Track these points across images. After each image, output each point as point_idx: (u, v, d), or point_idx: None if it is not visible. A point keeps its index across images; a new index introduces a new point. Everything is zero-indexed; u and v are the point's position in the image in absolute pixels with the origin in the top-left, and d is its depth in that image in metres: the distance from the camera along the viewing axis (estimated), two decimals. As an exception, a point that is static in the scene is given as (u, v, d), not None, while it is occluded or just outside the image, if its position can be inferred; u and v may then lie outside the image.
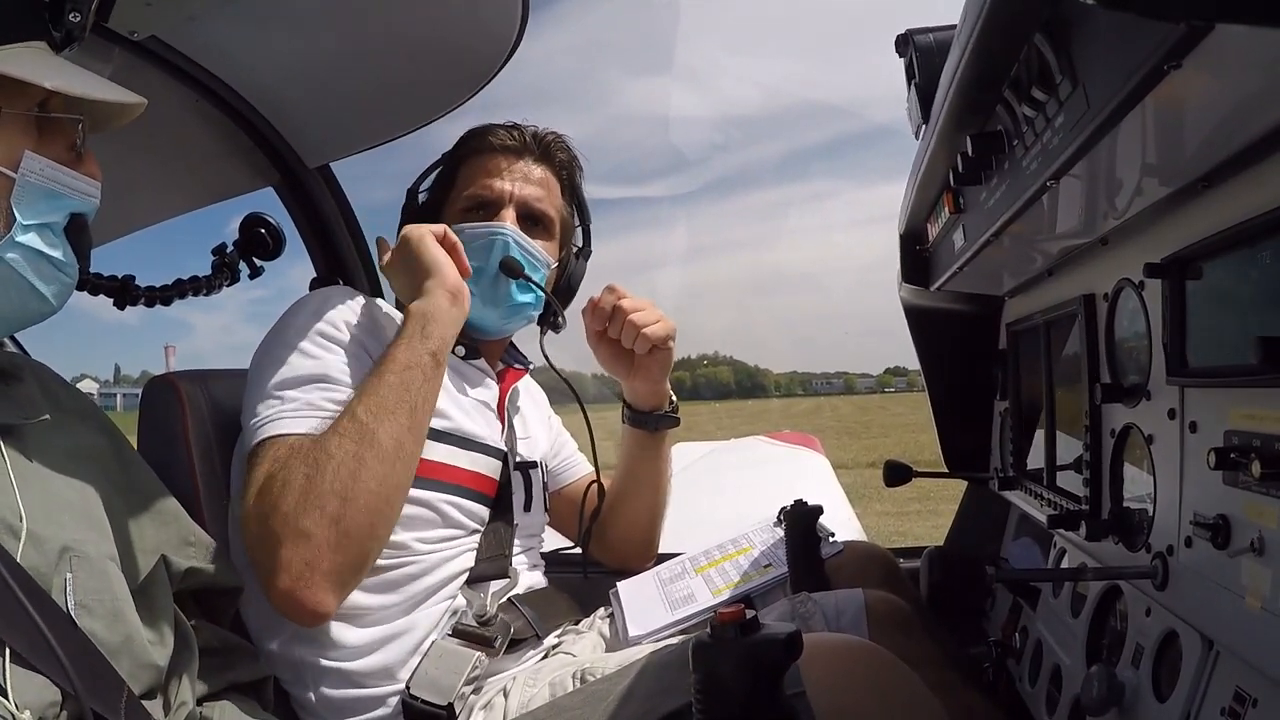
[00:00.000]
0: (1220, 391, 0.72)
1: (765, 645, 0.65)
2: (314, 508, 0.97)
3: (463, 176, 1.32)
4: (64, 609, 0.73)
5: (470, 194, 1.30)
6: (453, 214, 1.30)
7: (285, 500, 0.98)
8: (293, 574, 0.96)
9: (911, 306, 1.56)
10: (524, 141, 1.32)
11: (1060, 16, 0.59)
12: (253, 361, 1.15)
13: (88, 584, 0.76)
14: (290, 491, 0.98)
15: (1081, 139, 0.61)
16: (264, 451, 1.04)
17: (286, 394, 1.08)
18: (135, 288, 1.41)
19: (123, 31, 1.06)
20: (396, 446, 1.03)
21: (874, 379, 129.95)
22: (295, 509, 0.97)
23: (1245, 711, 0.65)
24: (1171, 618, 0.78)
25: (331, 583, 0.98)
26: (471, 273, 1.22)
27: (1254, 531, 0.65)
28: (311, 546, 0.97)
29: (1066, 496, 1.07)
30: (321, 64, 1.36)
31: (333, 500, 0.98)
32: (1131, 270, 0.86)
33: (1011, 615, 1.32)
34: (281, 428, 1.05)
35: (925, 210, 1.25)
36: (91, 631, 0.74)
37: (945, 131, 0.86)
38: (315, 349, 1.13)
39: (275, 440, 1.04)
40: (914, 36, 0.92)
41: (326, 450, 1.00)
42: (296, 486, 0.98)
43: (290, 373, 1.10)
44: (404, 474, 1.05)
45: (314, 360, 1.11)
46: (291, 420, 1.05)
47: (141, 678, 0.78)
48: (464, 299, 1.16)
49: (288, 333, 1.14)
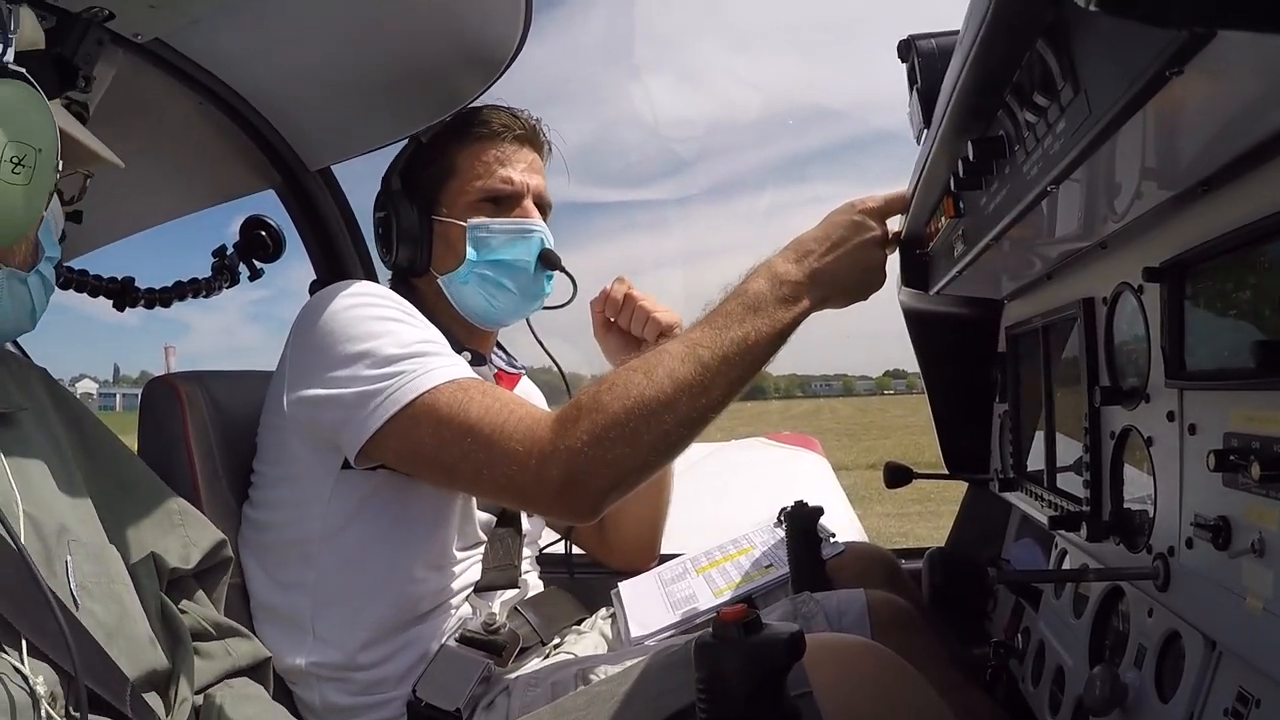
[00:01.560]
0: (1219, 394, 0.72)
1: (768, 645, 0.65)
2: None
3: (465, 163, 1.29)
4: (68, 591, 0.74)
5: (486, 186, 1.27)
6: (462, 206, 1.28)
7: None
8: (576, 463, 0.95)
9: (911, 310, 1.57)
10: (525, 127, 1.31)
11: (1063, 22, 0.59)
12: (310, 355, 1.09)
13: (84, 566, 0.77)
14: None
15: (1083, 144, 0.61)
16: (434, 400, 1.00)
17: (413, 351, 1.04)
18: (135, 289, 1.41)
19: (126, 34, 1.06)
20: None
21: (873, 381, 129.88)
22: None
23: (1249, 712, 0.65)
24: (1174, 618, 0.79)
25: (593, 462, 0.95)
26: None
27: (1254, 533, 0.65)
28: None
29: (1067, 498, 1.08)
30: (323, 67, 1.37)
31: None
32: (1130, 274, 0.87)
33: (1013, 616, 1.32)
34: (442, 376, 1.02)
35: (925, 214, 1.26)
36: (91, 612, 0.76)
37: (946, 136, 0.86)
38: (408, 317, 1.10)
39: (441, 389, 1.00)
40: (916, 42, 0.92)
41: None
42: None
43: (403, 338, 1.06)
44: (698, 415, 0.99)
45: (414, 329, 1.09)
46: (444, 370, 1.03)
47: (139, 662, 0.79)
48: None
49: (356, 313, 1.09)
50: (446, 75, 1.41)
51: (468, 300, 1.29)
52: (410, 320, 1.11)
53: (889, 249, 1.09)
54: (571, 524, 0.99)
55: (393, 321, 1.08)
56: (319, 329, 1.08)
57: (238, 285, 1.49)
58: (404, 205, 1.28)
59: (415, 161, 1.32)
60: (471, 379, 1.04)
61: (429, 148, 1.32)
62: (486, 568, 1.20)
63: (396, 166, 1.33)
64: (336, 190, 1.70)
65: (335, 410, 1.04)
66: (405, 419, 1.00)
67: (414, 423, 1.00)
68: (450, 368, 1.04)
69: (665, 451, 1.01)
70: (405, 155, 1.33)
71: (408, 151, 1.33)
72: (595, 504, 0.99)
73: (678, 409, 0.95)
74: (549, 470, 0.95)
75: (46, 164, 0.76)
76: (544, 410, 1.01)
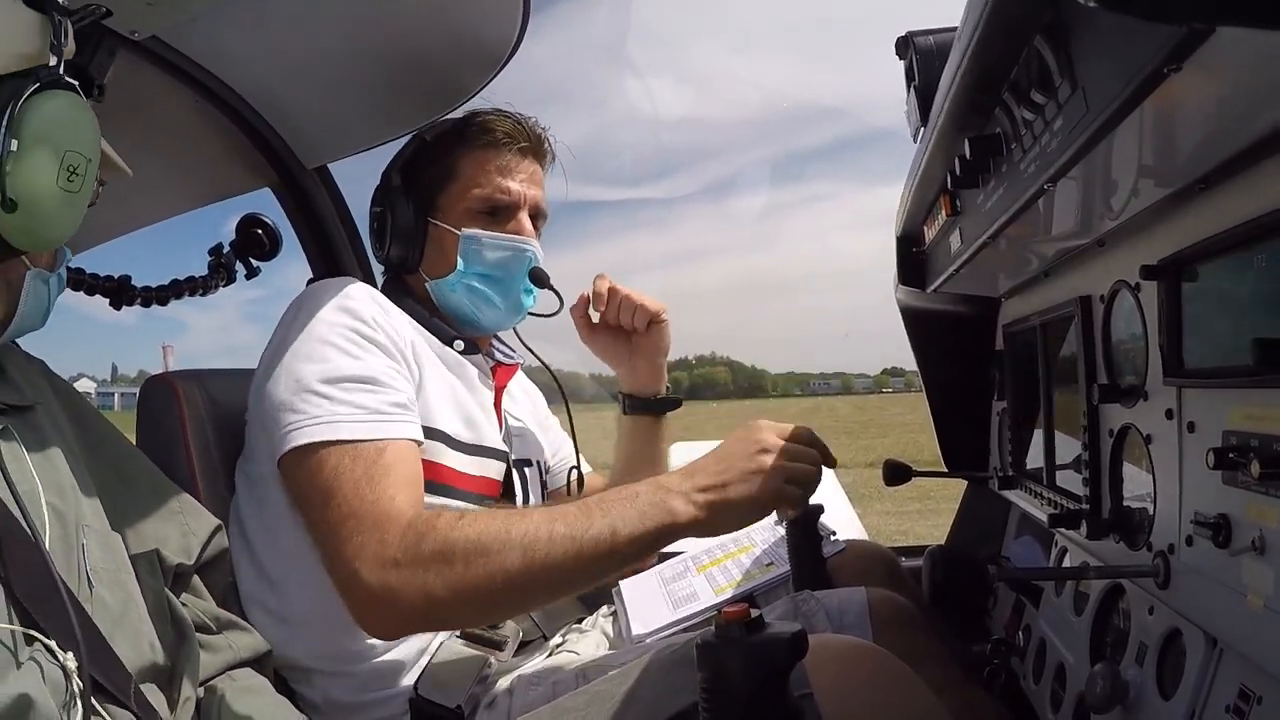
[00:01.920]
0: (1217, 392, 0.72)
1: (771, 644, 0.65)
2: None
3: (467, 169, 1.28)
4: (85, 576, 0.76)
5: (484, 195, 1.27)
6: (459, 212, 1.27)
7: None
8: (384, 583, 0.94)
9: (908, 308, 1.57)
10: (530, 138, 1.30)
11: (1061, 19, 0.59)
12: (270, 353, 1.10)
13: (96, 553, 0.79)
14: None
15: (1080, 142, 0.61)
16: (321, 457, 1.00)
17: (333, 392, 1.04)
18: (132, 288, 1.41)
19: (123, 31, 1.06)
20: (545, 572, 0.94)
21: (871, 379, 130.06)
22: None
23: (1250, 709, 0.65)
24: (1174, 616, 0.79)
25: (414, 593, 0.94)
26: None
27: (1254, 531, 0.65)
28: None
29: (1066, 496, 1.08)
30: (321, 65, 1.36)
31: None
32: (1127, 272, 0.87)
33: (1014, 614, 1.33)
34: (339, 432, 1.01)
35: (922, 212, 1.26)
36: (102, 599, 0.77)
37: (944, 134, 0.86)
38: (355, 348, 1.08)
39: (333, 447, 1.00)
40: (914, 39, 0.92)
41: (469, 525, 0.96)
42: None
43: (334, 371, 1.05)
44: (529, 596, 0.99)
45: (357, 360, 1.07)
46: (347, 424, 1.02)
47: (141, 653, 0.79)
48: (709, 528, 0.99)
49: (318, 327, 1.09)
50: (444, 73, 1.41)
51: (453, 307, 1.29)
52: (359, 348, 1.08)
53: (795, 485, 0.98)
54: (369, 631, 1.00)
55: (335, 348, 1.07)
56: (282, 332, 1.11)
57: (234, 284, 1.48)
58: (401, 204, 1.28)
59: (417, 160, 1.31)
60: (371, 445, 1.01)
61: (432, 147, 1.30)
62: None
63: (398, 163, 1.32)
64: (333, 188, 1.69)
65: (265, 424, 1.06)
66: (293, 457, 1.02)
67: (297, 465, 1.01)
68: (360, 422, 1.02)
69: (485, 612, 1.02)
70: (408, 152, 1.32)
71: (410, 149, 1.32)
72: (398, 628, 1.00)
73: (515, 576, 0.93)
74: (374, 575, 0.94)
75: (92, 173, 0.79)
76: (406, 506, 0.98)
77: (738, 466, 0.97)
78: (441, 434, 1.15)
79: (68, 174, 0.75)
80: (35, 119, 0.72)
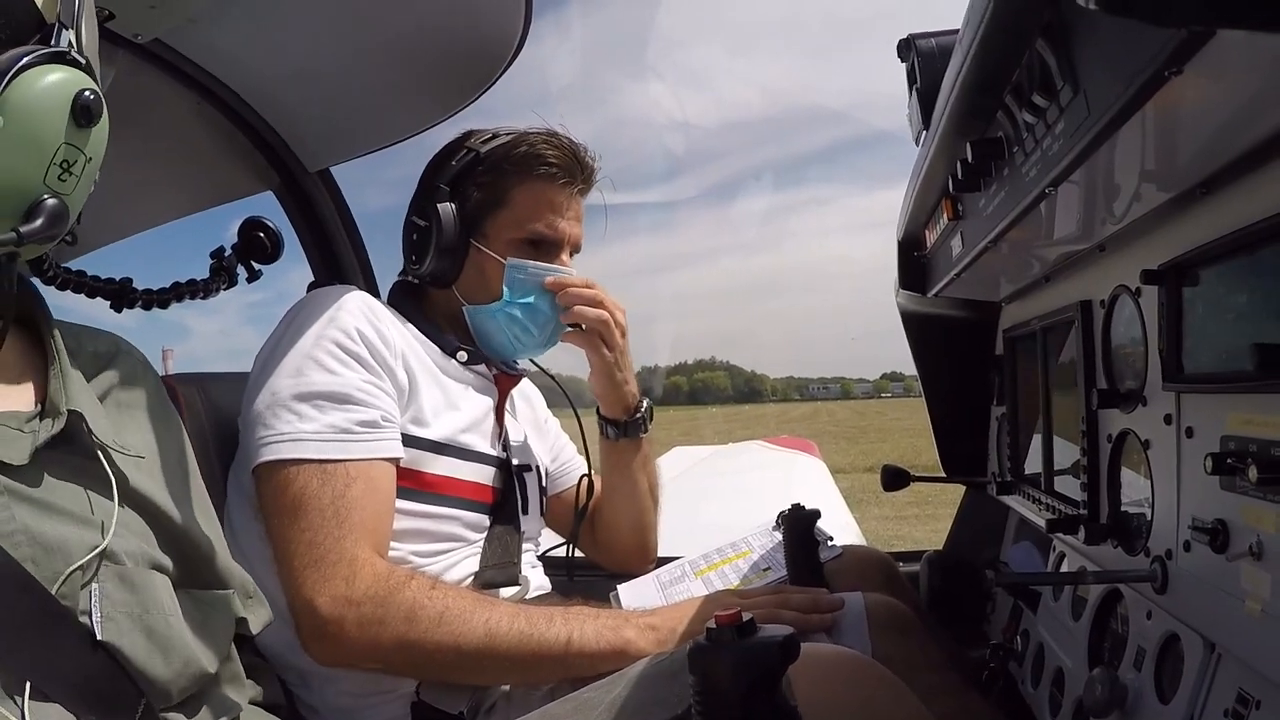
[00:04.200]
0: (1216, 397, 0.72)
1: (762, 648, 0.66)
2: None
3: (520, 200, 1.25)
4: (90, 622, 0.70)
5: (533, 230, 1.25)
6: (504, 240, 1.25)
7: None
8: (331, 617, 0.98)
9: (909, 312, 1.57)
10: (585, 179, 1.29)
11: (1062, 22, 0.60)
12: (261, 360, 1.11)
13: (115, 595, 0.72)
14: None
15: (1081, 145, 0.61)
16: (288, 474, 1.02)
17: (304, 409, 1.04)
18: (132, 291, 1.40)
19: (126, 34, 1.06)
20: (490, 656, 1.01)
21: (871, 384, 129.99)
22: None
23: (1249, 714, 0.65)
24: (1172, 621, 0.79)
25: (367, 638, 0.98)
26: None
27: (1252, 536, 0.65)
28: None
29: (1064, 501, 1.08)
30: (323, 68, 1.36)
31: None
32: (1128, 277, 0.87)
33: (1012, 619, 1.32)
34: (306, 451, 1.02)
35: (924, 216, 1.26)
36: (116, 646, 0.71)
37: (945, 137, 0.86)
38: (334, 363, 1.07)
39: (302, 465, 1.01)
40: (916, 41, 0.93)
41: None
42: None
43: (308, 386, 1.05)
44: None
45: (333, 376, 1.06)
46: (315, 443, 1.03)
47: (167, 693, 0.75)
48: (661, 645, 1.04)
49: (303, 339, 1.09)
50: (446, 76, 1.41)
51: (491, 335, 1.28)
52: (338, 363, 1.08)
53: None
54: (309, 655, 1.02)
55: (313, 363, 1.06)
56: (274, 336, 1.11)
57: (236, 287, 1.48)
58: (450, 221, 1.24)
59: (467, 176, 1.26)
60: (341, 467, 1.02)
61: (486, 167, 1.26)
62: (486, 565, 1.19)
63: (445, 173, 1.26)
64: (335, 192, 1.69)
65: (244, 428, 1.08)
66: (263, 471, 1.03)
67: (265, 479, 1.03)
68: (329, 441, 1.03)
69: (423, 673, 1.05)
70: (458, 164, 1.26)
71: (461, 162, 1.26)
72: (335, 660, 1.01)
73: (466, 653, 0.99)
74: (331, 609, 0.97)
75: (90, 175, 0.73)
76: (376, 551, 1.02)
77: (698, 620, 1.04)
78: (431, 442, 1.14)
79: (59, 171, 0.66)
80: (28, 95, 0.61)
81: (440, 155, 1.30)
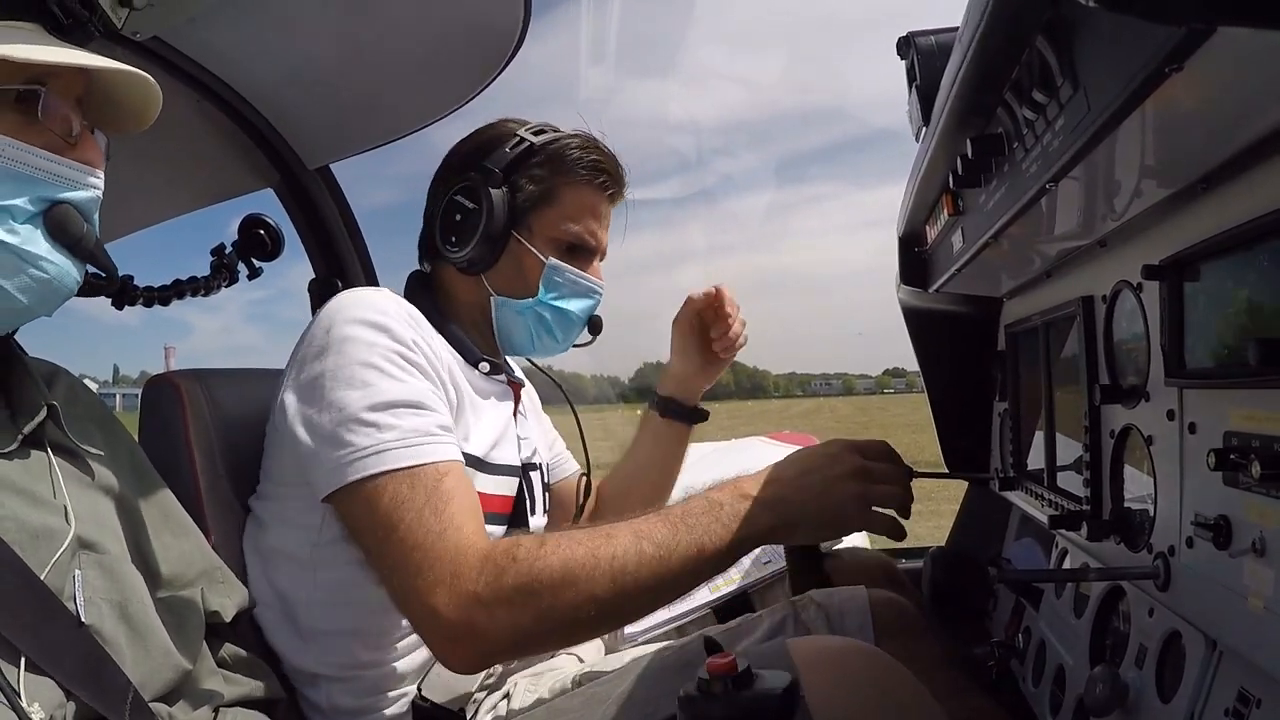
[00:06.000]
0: (1219, 393, 0.72)
1: (761, 701, 0.58)
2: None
3: (568, 200, 1.24)
4: (74, 606, 0.74)
5: (575, 233, 1.24)
6: (544, 238, 1.24)
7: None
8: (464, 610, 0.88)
9: (910, 308, 1.57)
10: (622, 190, 1.30)
11: (1062, 19, 0.59)
12: (302, 369, 1.04)
13: (96, 582, 0.77)
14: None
15: (1082, 141, 0.61)
16: (377, 488, 0.95)
17: (381, 419, 0.98)
18: (134, 288, 1.40)
19: (125, 32, 1.06)
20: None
21: (873, 380, 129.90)
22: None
23: (1249, 712, 0.65)
24: (1174, 618, 0.78)
25: (499, 627, 0.88)
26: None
27: (1255, 532, 0.65)
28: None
29: (1067, 497, 1.07)
30: (323, 65, 1.36)
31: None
32: (1129, 272, 0.87)
33: (1014, 616, 1.32)
34: (393, 461, 0.96)
35: (924, 212, 1.26)
36: (98, 630, 0.75)
37: (946, 134, 0.86)
38: (399, 371, 1.03)
39: (391, 475, 0.95)
40: (915, 39, 0.92)
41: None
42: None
43: (380, 396, 0.99)
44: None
45: (403, 384, 1.02)
46: (398, 450, 0.97)
47: (151, 683, 0.79)
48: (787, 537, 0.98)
49: (354, 349, 1.02)
50: (445, 73, 1.41)
51: (514, 331, 1.27)
52: (403, 371, 1.03)
53: (883, 498, 0.93)
54: (450, 667, 0.94)
55: (377, 371, 1.01)
56: (316, 352, 1.04)
57: (237, 284, 1.48)
58: (501, 208, 1.21)
59: (519, 166, 1.23)
60: (430, 468, 0.97)
61: (540, 160, 1.23)
62: None
63: (498, 157, 1.23)
64: (335, 188, 1.70)
65: (305, 453, 1.01)
66: (349, 491, 0.97)
67: (352, 499, 0.97)
68: (412, 447, 0.98)
69: (573, 638, 1.02)
70: (514, 151, 1.23)
71: (516, 149, 1.23)
72: (483, 662, 0.95)
73: (604, 601, 0.88)
74: (455, 612, 0.88)
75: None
76: (477, 537, 0.94)
77: (818, 480, 0.93)
78: (473, 458, 1.13)
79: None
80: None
81: (486, 138, 1.26)
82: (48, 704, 0.69)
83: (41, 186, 0.76)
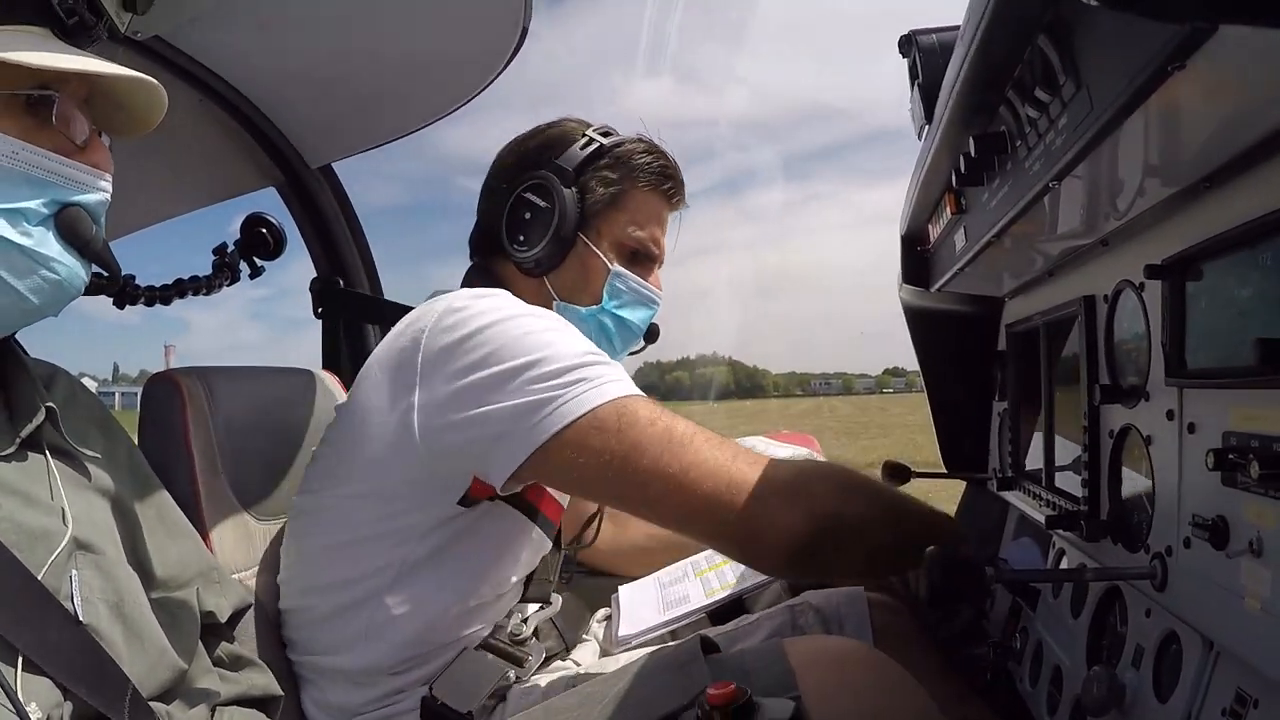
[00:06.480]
0: (1219, 393, 0.72)
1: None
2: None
3: (637, 206, 1.23)
4: (71, 606, 0.75)
5: (640, 240, 1.24)
6: (609, 243, 1.22)
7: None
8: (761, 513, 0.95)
9: (911, 307, 1.57)
10: (684, 200, 1.29)
11: (1064, 17, 0.59)
12: (475, 379, 0.98)
13: (92, 582, 0.78)
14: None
15: (1084, 140, 0.61)
16: (613, 414, 0.94)
17: (591, 360, 0.98)
18: (135, 287, 1.41)
19: (127, 32, 1.06)
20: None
21: (872, 379, 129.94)
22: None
23: (1246, 712, 0.65)
24: (1171, 619, 0.78)
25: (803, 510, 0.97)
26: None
27: (1253, 532, 0.65)
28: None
29: (1065, 497, 1.07)
30: (324, 64, 1.37)
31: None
32: (1131, 272, 0.87)
33: (1011, 616, 1.32)
34: (615, 391, 0.96)
35: (927, 211, 1.26)
36: (95, 629, 0.76)
37: (948, 132, 0.86)
38: (567, 331, 1.03)
39: (622, 402, 0.96)
40: (918, 37, 0.92)
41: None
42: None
43: (576, 347, 1.00)
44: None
45: (580, 340, 1.02)
46: (619, 384, 0.97)
47: (148, 682, 0.79)
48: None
49: (508, 328, 1.00)
50: (447, 73, 1.41)
51: None
52: (572, 330, 1.04)
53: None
54: (799, 572, 1.07)
55: (555, 333, 1.01)
56: (469, 348, 0.99)
57: (238, 283, 1.49)
58: (573, 209, 1.19)
59: (589, 167, 1.21)
60: (648, 400, 0.98)
61: (609, 163, 1.22)
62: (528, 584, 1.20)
63: (569, 156, 1.21)
64: (337, 187, 1.70)
65: (494, 426, 0.96)
66: (578, 430, 0.94)
67: (588, 434, 0.93)
68: (625, 382, 0.98)
69: (869, 569, 1.09)
70: (585, 152, 1.21)
71: (587, 150, 1.21)
72: (807, 550, 0.98)
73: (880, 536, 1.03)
74: (756, 511, 0.95)
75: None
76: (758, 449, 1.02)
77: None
78: None
79: None
80: None
81: (554, 135, 1.24)
82: (45, 703, 0.69)
83: (54, 189, 0.77)
